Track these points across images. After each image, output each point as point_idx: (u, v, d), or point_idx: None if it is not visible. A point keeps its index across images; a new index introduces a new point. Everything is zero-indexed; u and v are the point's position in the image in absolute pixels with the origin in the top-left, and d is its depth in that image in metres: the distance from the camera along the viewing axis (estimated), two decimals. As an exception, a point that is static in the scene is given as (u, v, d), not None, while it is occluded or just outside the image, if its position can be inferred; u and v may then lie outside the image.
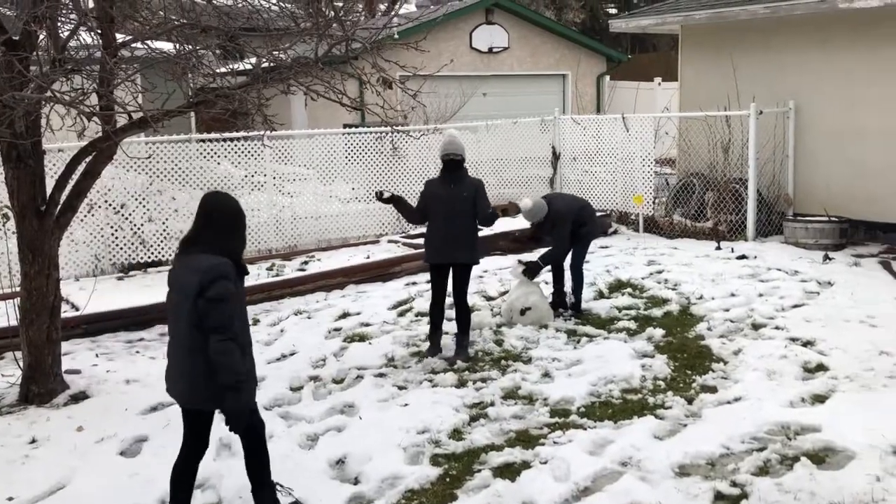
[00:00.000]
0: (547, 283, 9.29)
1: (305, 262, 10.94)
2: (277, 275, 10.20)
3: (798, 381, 6.25)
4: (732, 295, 8.52)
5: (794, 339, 7.13)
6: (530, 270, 8.23)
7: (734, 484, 4.74)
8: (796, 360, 6.63)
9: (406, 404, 6.15)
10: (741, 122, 11.54)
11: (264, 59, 6.46)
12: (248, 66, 7.54)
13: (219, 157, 11.37)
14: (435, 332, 7.36)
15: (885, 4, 10.03)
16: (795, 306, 8.08)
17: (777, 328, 7.46)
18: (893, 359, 6.55)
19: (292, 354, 7.46)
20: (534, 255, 8.63)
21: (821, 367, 6.50)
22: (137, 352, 7.66)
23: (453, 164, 7.37)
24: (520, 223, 10.06)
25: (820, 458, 5.02)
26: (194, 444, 4.57)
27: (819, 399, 5.91)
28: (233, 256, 4.46)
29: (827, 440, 5.21)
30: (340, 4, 7.10)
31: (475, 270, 9.96)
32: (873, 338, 7.01)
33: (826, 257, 9.98)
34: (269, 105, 6.22)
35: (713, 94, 12.24)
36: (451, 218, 7.15)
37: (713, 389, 6.24)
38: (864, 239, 11.05)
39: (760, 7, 11.35)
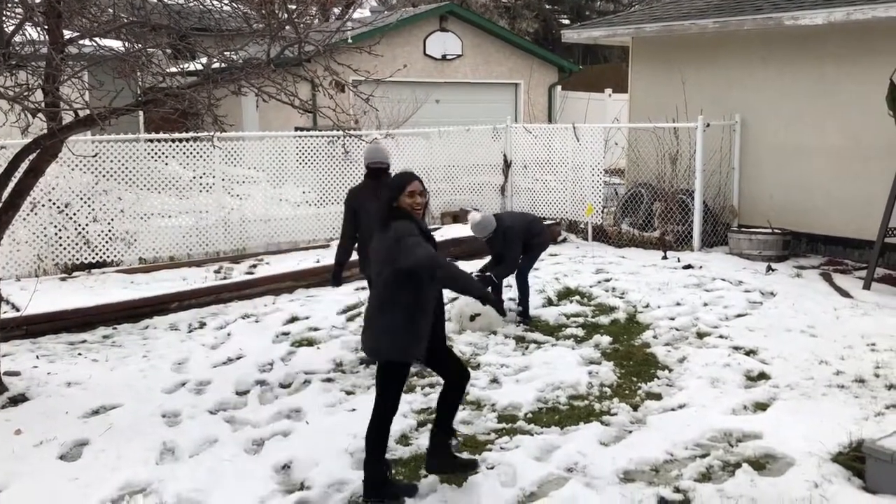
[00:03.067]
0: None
1: (254, 266, 10.84)
2: (225, 278, 10.08)
3: (740, 389, 6.37)
4: (678, 304, 8.65)
5: (737, 348, 7.26)
6: (483, 281, 8.25)
7: (677, 490, 4.81)
8: (739, 369, 6.75)
9: (354, 409, 6.12)
10: (689, 135, 11.74)
11: (215, 60, 6.40)
12: (199, 67, 7.45)
13: (167, 157, 11.21)
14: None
15: (829, 22, 10.30)
16: (739, 316, 8.23)
17: (721, 337, 7.60)
18: (832, 368, 6.71)
19: (239, 358, 7.38)
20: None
21: (763, 376, 6.63)
22: (80, 354, 7.50)
23: (380, 172, 7.00)
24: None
25: (761, 464, 5.11)
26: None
27: (761, 407, 6.03)
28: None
29: (768, 447, 5.31)
30: (294, 7, 7.06)
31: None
32: (813, 347, 7.18)
33: (769, 268, 10.20)
34: (220, 106, 6.15)
35: (662, 105, 12.44)
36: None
37: (658, 396, 6.33)
38: (806, 251, 11.31)
39: (710, 21, 11.58)
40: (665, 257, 10.99)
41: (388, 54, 18.27)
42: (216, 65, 6.34)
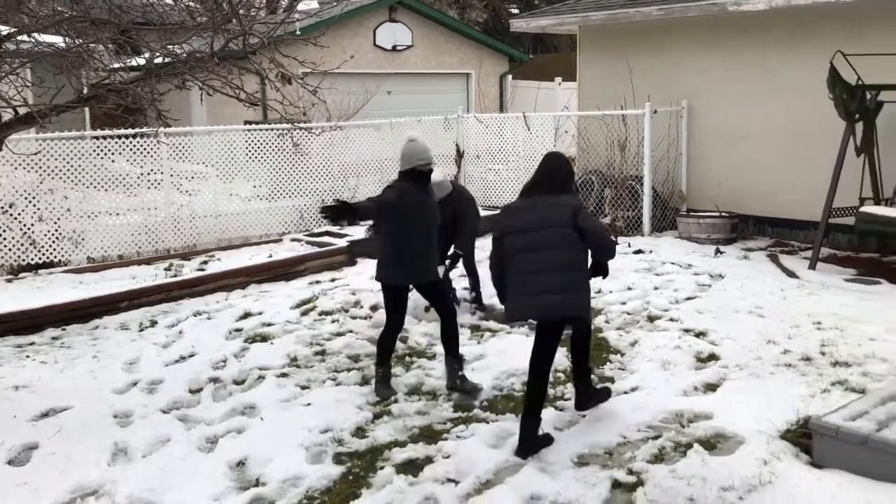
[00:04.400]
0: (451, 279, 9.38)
1: (205, 262, 10.72)
2: (176, 275, 9.95)
3: (691, 371, 6.47)
4: (629, 288, 8.74)
5: (687, 331, 7.37)
6: (453, 259, 8.30)
7: (631, 472, 4.87)
8: (689, 351, 6.86)
9: (309, 404, 6.10)
10: (637, 121, 11.86)
11: (158, 54, 6.29)
12: (143, 61, 7.34)
13: (114, 154, 11.02)
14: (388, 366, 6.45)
15: (771, 7, 10.46)
16: (689, 298, 8.35)
17: (671, 320, 7.71)
18: (780, 347, 6.85)
19: (191, 356, 7.30)
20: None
21: (712, 357, 6.74)
22: (27, 356, 7.35)
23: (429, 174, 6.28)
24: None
25: (712, 444, 5.20)
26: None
27: (711, 387, 6.13)
28: None
29: (718, 427, 5.40)
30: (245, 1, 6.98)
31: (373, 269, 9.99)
32: (761, 328, 7.32)
33: (717, 251, 10.36)
34: (163, 100, 6.06)
35: (610, 93, 12.55)
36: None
37: (611, 380, 6.40)
38: (754, 233, 11.51)
39: (654, 9, 11.69)
40: (616, 243, 11.07)
41: (337, 46, 18.14)
42: (159, 59, 6.23)
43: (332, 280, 9.74)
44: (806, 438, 4.97)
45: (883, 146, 9.73)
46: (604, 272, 5.45)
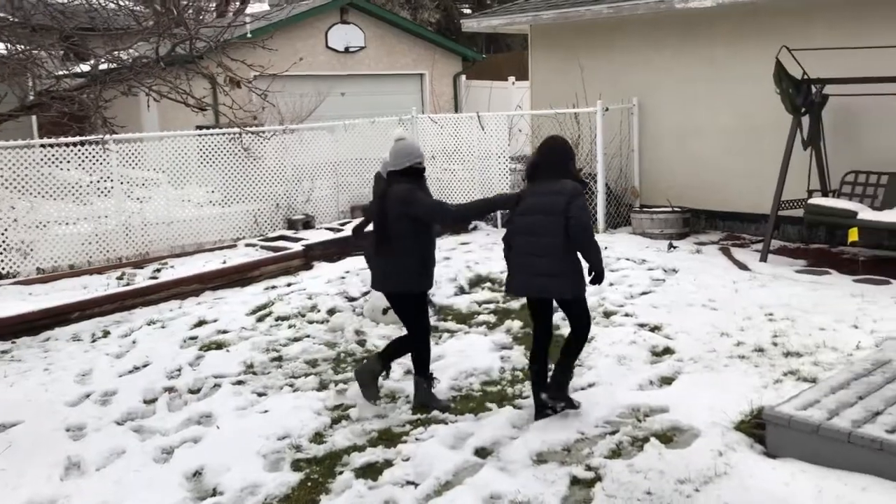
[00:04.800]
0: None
1: (158, 270, 10.57)
2: (128, 284, 9.79)
3: (647, 365, 6.53)
4: (585, 285, 8.79)
5: (642, 325, 7.45)
6: None
7: (589, 468, 4.90)
8: (645, 345, 6.93)
9: (266, 411, 6.05)
10: (589, 119, 11.95)
11: (103, 60, 6.20)
12: (88, 68, 7.21)
13: (62, 162, 10.81)
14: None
15: (718, 4, 10.61)
16: (643, 293, 8.43)
17: (627, 315, 7.78)
18: (733, 339, 6.94)
19: (145, 366, 7.19)
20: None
21: (667, 351, 6.82)
22: (-25, 371, 7.20)
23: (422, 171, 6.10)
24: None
25: (668, 437, 5.25)
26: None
27: (666, 381, 6.20)
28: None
29: (674, 420, 5.46)
30: (185, 3, 6.89)
31: (337, 271, 9.90)
32: (714, 320, 7.41)
33: (671, 246, 10.48)
34: (110, 107, 5.97)
35: (563, 91, 12.63)
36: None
37: (568, 377, 6.43)
38: (706, 227, 11.66)
39: (604, 7, 11.79)
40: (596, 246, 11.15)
41: (289, 48, 18.03)
42: (104, 65, 6.14)
43: (289, 285, 9.66)
44: (760, 429, 5.04)
45: (829, 139, 9.93)
46: (599, 279, 5.55)
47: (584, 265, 5.51)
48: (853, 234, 8.52)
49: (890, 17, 9.64)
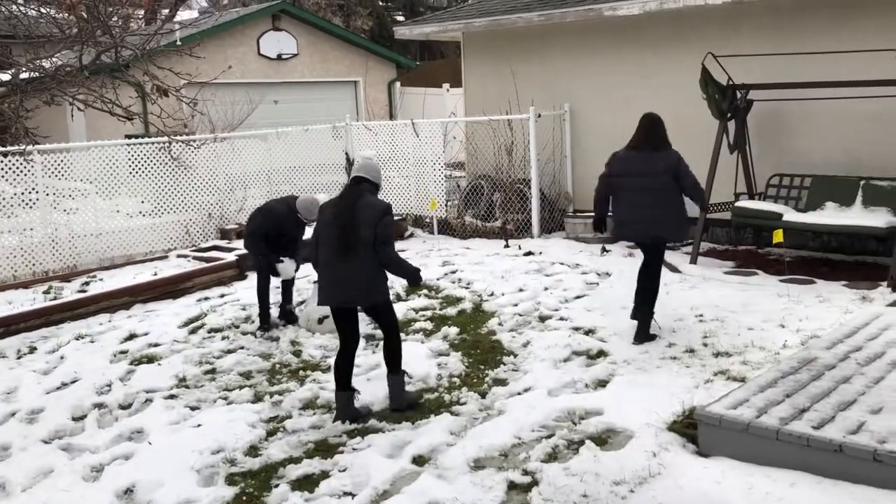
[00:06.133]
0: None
1: (87, 283, 10.30)
2: (55, 298, 9.51)
3: (581, 368, 6.61)
4: (521, 290, 8.88)
5: (577, 329, 7.53)
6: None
7: (525, 472, 4.93)
8: (580, 349, 7.01)
9: (199, 425, 5.94)
10: (522, 126, 12.05)
11: (24, 69, 6.02)
12: (8, 77, 7.00)
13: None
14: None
15: (645, 12, 10.82)
16: (578, 297, 8.54)
17: (561, 319, 7.86)
18: (665, 341, 7.07)
19: (74, 382, 7.00)
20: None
21: (602, 353, 6.91)
22: None
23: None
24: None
25: (603, 439, 5.31)
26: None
27: (601, 384, 6.27)
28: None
29: (609, 422, 5.53)
30: (111, 10, 6.74)
31: (272, 281, 9.80)
32: (647, 323, 7.53)
33: (604, 250, 10.63)
34: (31, 117, 5.80)
35: (496, 98, 12.72)
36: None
37: (504, 382, 6.47)
38: (638, 231, 11.83)
39: (535, 15, 11.92)
40: (507, 246, 11.26)
41: (220, 56, 17.82)
42: (25, 74, 5.96)
43: (222, 296, 9.52)
44: (692, 428, 5.14)
45: (754, 143, 10.20)
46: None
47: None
48: (777, 236, 8.75)
49: (809, 26, 9.96)
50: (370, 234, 5.71)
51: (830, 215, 9.20)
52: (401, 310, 8.51)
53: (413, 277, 6.06)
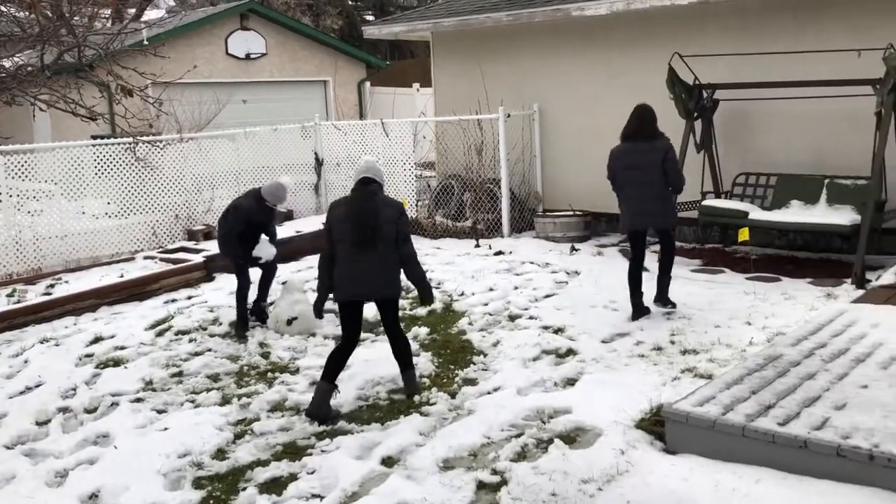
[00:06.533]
0: (315, 290, 9.25)
1: (52, 286, 10.15)
2: (19, 301, 9.38)
3: (551, 367, 6.62)
4: (491, 289, 8.89)
5: (546, 328, 7.56)
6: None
7: (495, 472, 4.92)
8: (549, 347, 7.03)
9: (166, 428, 5.87)
10: (492, 126, 12.06)
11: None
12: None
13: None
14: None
15: (612, 12, 10.87)
16: (547, 296, 8.56)
17: (531, 318, 7.88)
18: (633, 339, 7.12)
19: (38, 386, 6.89)
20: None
21: (571, 352, 6.93)
22: None
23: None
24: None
25: (572, 438, 5.33)
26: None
27: (570, 382, 6.29)
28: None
29: (577, 420, 5.54)
30: (74, 8, 6.66)
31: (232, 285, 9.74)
32: (615, 321, 7.59)
33: (573, 249, 10.68)
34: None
35: (465, 98, 12.72)
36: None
37: (474, 382, 6.47)
38: (606, 230, 11.91)
39: (503, 15, 11.94)
40: (478, 245, 11.27)
41: (188, 55, 17.66)
42: (-15, 74, 5.87)
43: (189, 297, 9.44)
44: (659, 426, 5.16)
45: (720, 142, 10.29)
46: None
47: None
48: (743, 234, 8.84)
49: (775, 26, 10.07)
50: (392, 231, 5.96)
51: (796, 213, 9.31)
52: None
53: (428, 292, 6.27)
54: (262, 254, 8.15)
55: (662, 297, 7.89)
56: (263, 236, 8.22)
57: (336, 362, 6.08)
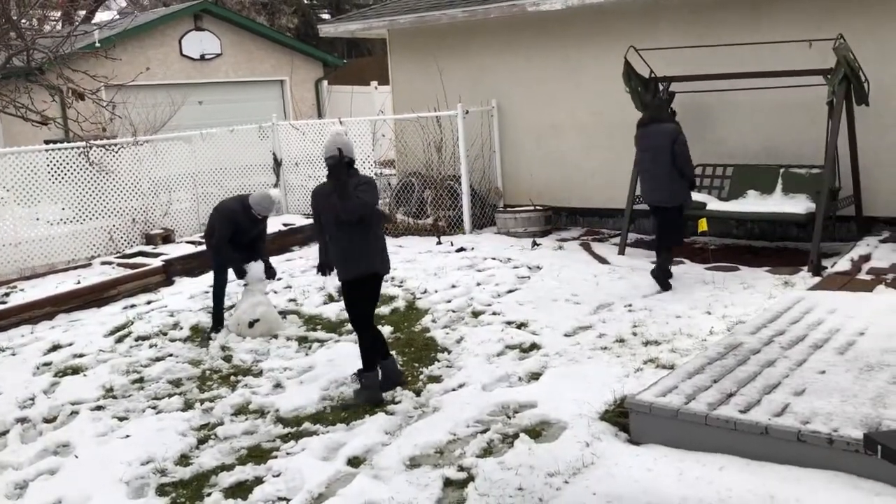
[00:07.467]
0: (276, 292, 9.19)
1: (7, 294, 9.96)
2: (-27, 311, 9.18)
3: (515, 362, 6.64)
4: (453, 286, 8.89)
5: (509, 323, 7.58)
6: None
7: (461, 468, 4.93)
8: (512, 342, 7.05)
9: (128, 435, 5.79)
10: (451, 122, 12.06)
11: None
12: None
13: None
14: None
15: (567, 7, 10.92)
16: (510, 291, 8.59)
17: (494, 314, 7.90)
18: (596, 331, 7.17)
19: (-6, 397, 6.76)
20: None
21: (534, 346, 6.96)
22: None
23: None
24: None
25: (537, 432, 5.35)
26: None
27: (534, 376, 6.31)
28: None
29: (542, 414, 5.57)
30: (22, 11, 6.52)
31: (200, 285, 9.64)
32: (577, 314, 7.63)
33: (534, 243, 10.72)
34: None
35: (424, 95, 12.70)
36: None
37: (439, 379, 6.47)
38: (567, 224, 11.99)
39: (459, 11, 11.93)
40: (440, 242, 11.27)
41: (141, 57, 17.42)
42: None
43: (149, 302, 9.31)
44: (624, 417, 5.21)
45: (677, 134, 10.37)
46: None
47: None
48: (702, 225, 8.94)
49: (728, 18, 10.20)
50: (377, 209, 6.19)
51: (752, 203, 9.45)
52: (333, 310, 8.46)
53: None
54: (252, 277, 8.03)
55: (659, 272, 8.38)
56: (260, 262, 8.10)
57: (370, 349, 6.20)
